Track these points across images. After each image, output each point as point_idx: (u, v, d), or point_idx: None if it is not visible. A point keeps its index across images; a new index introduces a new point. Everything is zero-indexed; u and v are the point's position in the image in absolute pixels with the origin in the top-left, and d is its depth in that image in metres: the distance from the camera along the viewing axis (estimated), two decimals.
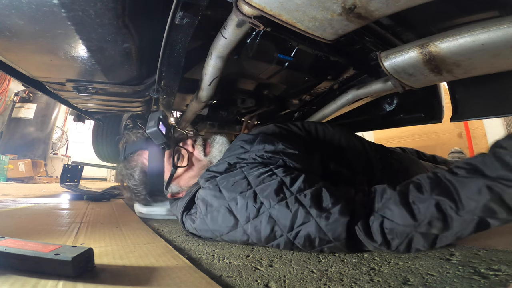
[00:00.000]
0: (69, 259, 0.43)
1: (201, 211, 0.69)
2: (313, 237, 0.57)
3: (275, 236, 0.60)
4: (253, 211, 0.61)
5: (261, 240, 0.61)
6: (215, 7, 0.76)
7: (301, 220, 0.57)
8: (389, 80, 1.00)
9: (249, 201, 0.62)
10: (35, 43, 0.72)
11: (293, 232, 0.58)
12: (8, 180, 4.13)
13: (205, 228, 0.69)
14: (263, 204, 0.61)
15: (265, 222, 0.60)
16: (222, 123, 1.80)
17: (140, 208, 1.17)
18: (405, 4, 0.55)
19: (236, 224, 0.63)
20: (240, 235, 0.64)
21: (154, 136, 0.81)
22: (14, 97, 4.93)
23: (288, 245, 0.60)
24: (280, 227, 0.59)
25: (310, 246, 0.58)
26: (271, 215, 0.59)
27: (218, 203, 0.66)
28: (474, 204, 0.46)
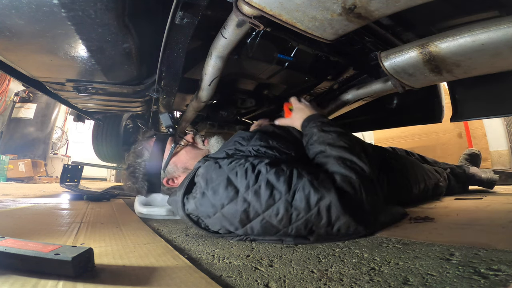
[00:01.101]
0: (69, 259, 0.43)
1: (202, 186, 0.71)
2: (308, 193, 0.63)
3: (274, 199, 0.64)
4: (252, 178, 0.66)
5: (262, 205, 0.64)
6: (215, 7, 0.76)
7: (295, 180, 0.65)
8: (389, 80, 1.00)
9: (248, 170, 0.68)
10: (35, 43, 0.72)
11: (291, 192, 0.64)
12: (8, 180, 4.13)
13: (206, 202, 0.70)
14: (260, 171, 0.67)
15: (264, 186, 0.65)
16: (222, 123, 1.80)
17: (140, 208, 1.17)
18: (405, 4, 0.55)
19: (236, 193, 0.66)
20: (241, 204, 0.66)
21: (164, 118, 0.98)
22: (14, 97, 4.93)
23: (286, 207, 0.63)
24: (278, 190, 0.64)
25: (307, 206, 0.63)
26: (268, 180, 0.66)
27: (218, 176, 0.69)
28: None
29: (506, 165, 2.63)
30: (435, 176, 1.25)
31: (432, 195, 1.23)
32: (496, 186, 1.48)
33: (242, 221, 0.67)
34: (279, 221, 0.64)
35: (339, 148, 0.76)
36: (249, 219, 0.67)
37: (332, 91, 1.44)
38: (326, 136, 0.81)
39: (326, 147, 0.78)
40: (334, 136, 0.81)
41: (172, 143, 0.96)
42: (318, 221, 0.64)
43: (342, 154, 0.75)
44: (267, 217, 0.65)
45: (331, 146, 0.78)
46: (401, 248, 0.59)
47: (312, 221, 0.64)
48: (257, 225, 0.66)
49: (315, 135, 0.84)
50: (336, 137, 0.81)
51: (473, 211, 0.97)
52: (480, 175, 1.47)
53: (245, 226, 0.68)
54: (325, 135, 0.82)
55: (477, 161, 1.80)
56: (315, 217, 0.63)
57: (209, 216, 0.71)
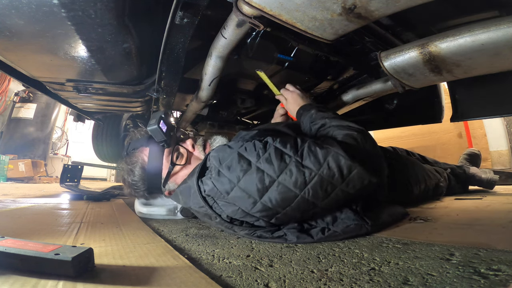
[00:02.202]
0: (69, 259, 0.43)
1: (216, 165, 0.73)
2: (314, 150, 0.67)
3: (285, 162, 0.67)
4: (261, 147, 0.71)
5: (275, 169, 0.67)
6: (215, 7, 0.76)
7: (301, 142, 0.70)
8: (389, 80, 1.00)
9: (256, 143, 0.72)
10: (35, 43, 0.72)
11: (299, 153, 0.68)
12: (8, 180, 4.13)
13: (223, 179, 0.71)
14: (267, 141, 0.72)
15: (273, 153, 0.69)
16: (222, 123, 1.80)
17: (140, 208, 1.17)
18: (405, 4, 0.55)
19: (249, 164, 0.69)
20: (255, 173, 0.68)
21: (154, 133, 0.85)
22: (14, 97, 4.93)
23: (299, 166, 0.66)
24: (287, 154, 0.68)
25: (317, 161, 0.66)
26: (276, 147, 0.70)
27: (229, 154, 0.72)
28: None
29: (506, 165, 2.63)
30: (436, 176, 1.25)
31: (432, 195, 1.23)
32: (496, 186, 1.48)
33: (259, 191, 0.67)
34: (295, 183, 0.65)
35: (337, 119, 0.85)
36: (266, 187, 0.67)
37: (332, 91, 1.44)
38: (325, 114, 0.89)
39: (325, 120, 0.86)
40: (331, 113, 0.90)
41: (169, 157, 0.88)
42: (331, 176, 0.65)
43: (341, 122, 0.82)
44: (282, 181, 0.66)
45: (330, 119, 0.85)
46: (401, 248, 0.59)
47: (325, 177, 0.65)
48: (275, 193, 0.66)
49: (314, 115, 0.91)
50: (333, 113, 0.90)
51: (473, 211, 0.97)
52: (480, 175, 1.47)
53: (263, 197, 0.67)
54: (323, 113, 0.90)
55: (477, 161, 1.80)
56: (327, 173, 0.65)
57: (228, 192, 0.70)
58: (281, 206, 0.67)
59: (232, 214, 0.73)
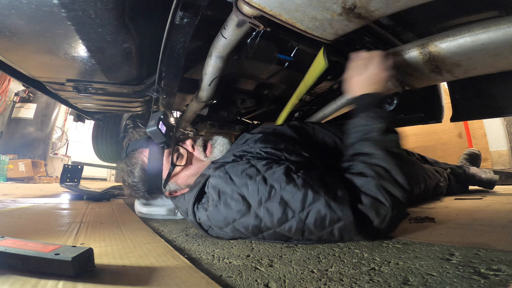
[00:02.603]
0: (69, 259, 0.43)
1: (214, 199, 0.71)
2: (323, 215, 0.60)
3: (287, 217, 0.63)
4: (264, 194, 0.65)
5: (274, 222, 0.64)
6: (215, 7, 0.76)
7: (311, 199, 0.62)
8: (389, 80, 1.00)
9: (260, 185, 0.66)
10: (35, 43, 0.72)
11: (304, 212, 0.62)
12: (8, 180, 4.13)
13: (218, 215, 0.70)
14: (273, 187, 0.65)
15: (277, 204, 0.63)
16: (222, 123, 1.80)
17: (140, 208, 1.17)
18: (405, 4, 0.55)
19: (248, 208, 0.66)
20: (253, 219, 0.66)
21: (153, 135, 0.83)
22: (14, 97, 4.93)
23: (300, 226, 0.62)
24: (291, 209, 0.63)
25: (321, 226, 0.61)
26: (282, 197, 0.63)
27: (230, 189, 0.69)
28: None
29: (506, 165, 2.62)
30: (436, 176, 1.25)
31: (432, 195, 1.23)
32: (496, 186, 1.48)
33: (254, 233, 0.69)
34: (291, 233, 0.65)
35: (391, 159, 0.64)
36: (261, 232, 0.68)
37: (332, 91, 1.44)
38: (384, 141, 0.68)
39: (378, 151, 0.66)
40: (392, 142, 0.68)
41: (169, 158, 0.86)
42: (329, 237, 0.64)
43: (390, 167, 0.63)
44: (279, 231, 0.65)
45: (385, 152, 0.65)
46: (401, 248, 0.59)
47: (324, 237, 0.64)
48: (269, 236, 0.68)
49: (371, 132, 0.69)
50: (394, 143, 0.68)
51: (473, 211, 0.97)
52: (480, 175, 1.47)
53: (257, 236, 0.70)
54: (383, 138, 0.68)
55: (477, 161, 1.80)
56: (327, 235, 0.63)
57: (221, 227, 0.72)
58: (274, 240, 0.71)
59: (228, 238, 0.75)
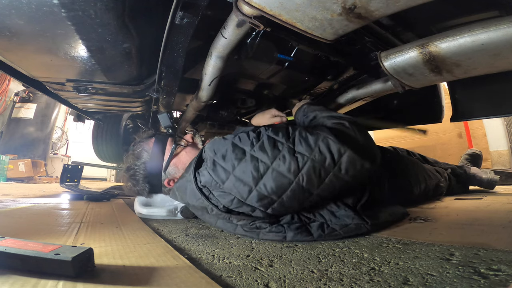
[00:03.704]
0: (69, 259, 0.43)
1: (211, 156, 0.76)
2: (306, 136, 0.71)
3: (278, 149, 0.70)
4: (254, 136, 0.74)
5: (269, 156, 0.69)
6: (215, 7, 0.76)
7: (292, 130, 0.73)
8: (389, 80, 1.00)
9: (250, 133, 0.76)
10: (35, 43, 0.72)
11: (290, 139, 0.71)
12: (8, 180, 4.12)
13: (218, 168, 0.73)
14: (260, 131, 0.75)
15: (266, 141, 0.72)
16: (222, 123, 1.80)
17: (140, 209, 1.17)
18: (405, 4, 0.55)
19: (244, 153, 0.72)
20: (250, 160, 0.70)
21: (162, 119, 0.98)
22: (14, 97, 4.93)
23: (291, 152, 0.69)
24: (279, 141, 0.71)
25: (308, 147, 0.68)
26: (269, 136, 0.73)
27: (224, 144, 0.76)
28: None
29: (506, 165, 2.63)
30: (436, 176, 1.25)
31: (432, 195, 1.23)
32: (496, 186, 1.48)
33: (254, 178, 0.69)
34: (288, 169, 0.67)
35: (328, 111, 0.88)
36: (260, 174, 0.69)
37: (332, 91, 1.44)
38: (316, 107, 0.93)
39: (316, 112, 0.89)
40: (322, 107, 0.94)
41: (172, 144, 0.96)
42: (322, 161, 0.67)
43: (331, 113, 0.85)
44: (276, 167, 0.68)
45: (320, 111, 0.89)
46: (401, 248, 0.59)
47: (317, 162, 0.67)
48: (269, 180, 0.68)
49: (306, 109, 0.95)
50: (324, 107, 0.93)
51: (473, 211, 0.97)
52: (480, 176, 1.47)
53: (258, 184, 0.69)
54: (314, 107, 0.94)
55: (478, 161, 1.80)
56: (319, 157, 0.67)
57: (223, 181, 0.72)
58: (276, 194, 0.69)
59: (228, 204, 0.74)
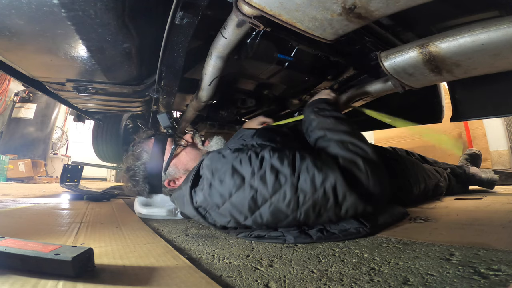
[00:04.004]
0: (69, 259, 0.43)
1: (208, 177, 0.72)
2: (313, 174, 0.64)
3: (280, 183, 0.65)
4: (256, 164, 0.68)
5: (269, 190, 0.65)
6: (215, 7, 0.76)
7: (299, 162, 0.67)
8: (389, 80, 1.00)
9: (252, 157, 0.69)
10: (35, 43, 0.72)
11: (295, 174, 0.65)
12: (8, 180, 4.12)
13: (214, 192, 0.70)
14: (264, 157, 0.69)
15: (269, 171, 0.66)
16: (222, 123, 1.80)
17: (140, 209, 1.17)
18: (405, 4, 0.55)
19: (243, 181, 0.67)
20: (248, 191, 0.66)
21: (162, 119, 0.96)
22: (14, 97, 4.93)
23: (293, 190, 0.64)
24: (283, 174, 0.66)
25: (313, 187, 0.64)
26: (273, 165, 0.67)
27: (223, 165, 0.71)
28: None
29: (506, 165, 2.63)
30: (436, 176, 1.25)
31: (432, 195, 1.23)
32: (496, 186, 1.48)
33: (251, 208, 0.67)
34: (287, 205, 0.65)
35: (339, 132, 0.78)
36: (258, 206, 0.67)
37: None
38: (325, 121, 0.83)
39: (325, 132, 0.79)
40: (332, 120, 0.82)
41: (171, 144, 0.94)
42: (325, 201, 0.64)
43: (343, 137, 0.75)
44: (275, 202, 0.65)
45: (330, 131, 0.79)
46: (401, 248, 0.59)
47: (319, 202, 0.64)
48: (266, 212, 0.67)
49: (313, 121, 0.85)
50: (335, 121, 0.82)
51: (473, 211, 0.97)
52: (480, 175, 1.47)
53: (254, 213, 0.68)
54: (323, 120, 0.83)
55: (478, 161, 1.80)
56: (322, 198, 0.64)
57: (218, 206, 0.71)
58: (271, 223, 0.69)
59: (224, 224, 0.74)
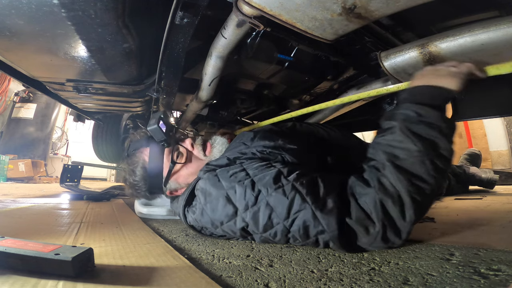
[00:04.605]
0: (69, 259, 0.43)
1: (201, 201, 0.71)
2: (308, 225, 0.58)
3: (272, 223, 0.62)
4: (251, 199, 0.63)
5: (259, 227, 0.63)
6: (215, 7, 0.76)
7: (297, 207, 0.59)
8: (389, 80, 1.00)
9: (248, 189, 0.64)
10: (35, 43, 0.72)
11: (290, 219, 0.59)
12: (8, 180, 4.12)
13: (205, 218, 0.70)
14: (261, 191, 0.62)
15: (263, 209, 0.61)
16: (222, 123, 1.80)
17: (140, 208, 1.17)
18: (405, 4, 0.55)
19: (235, 212, 0.65)
20: (239, 223, 0.65)
21: (154, 133, 0.85)
22: (14, 97, 4.93)
23: (284, 233, 0.61)
24: (277, 214, 0.60)
25: (305, 235, 0.59)
26: (268, 203, 0.61)
27: (217, 192, 0.67)
28: None
29: (506, 165, 2.63)
30: None
31: None
32: (496, 186, 1.48)
33: (243, 236, 0.69)
34: (277, 240, 0.65)
35: (403, 174, 0.54)
36: (249, 234, 0.68)
37: (332, 91, 1.44)
38: (406, 143, 0.57)
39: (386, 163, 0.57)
40: (415, 149, 0.55)
41: (169, 155, 0.87)
42: (314, 245, 0.63)
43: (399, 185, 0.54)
44: (266, 236, 0.65)
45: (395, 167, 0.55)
46: (401, 248, 0.59)
47: (310, 245, 0.64)
48: (257, 238, 0.68)
49: (393, 132, 0.60)
50: (418, 153, 0.55)
51: (473, 211, 0.97)
52: (480, 175, 1.47)
53: (247, 238, 0.71)
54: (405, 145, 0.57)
55: (478, 161, 1.80)
56: (312, 244, 0.62)
57: (211, 230, 0.74)
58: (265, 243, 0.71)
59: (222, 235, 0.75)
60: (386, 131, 0.63)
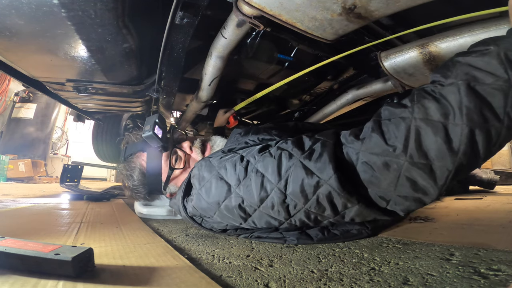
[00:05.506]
0: (69, 259, 0.43)
1: (196, 187, 0.70)
2: (302, 180, 0.53)
3: (266, 190, 0.57)
4: (241, 171, 0.61)
5: (255, 199, 0.59)
6: (215, 7, 0.76)
7: (286, 165, 0.55)
8: (389, 80, 1.00)
9: (237, 163, 0.63)
10: (35, 43, 0.72)
11: (282, 180, 0.55)
12: (8, 180, 4.13)
13: (202, 203, 0.68)
14: (249, 161, 0.61)
15: (254, 178, 0.59)
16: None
17: (140, 208, 1.17)
18: (405, 4, 0.55)
19: (229, 189, 0.63)
20: (235, 199, 0.62)
21: (149, 140, 0.83)
22: (14, 97, 4.93)
23: (281, 198, 0.56)
24: (268, 179, 0.57)
25: (303, 195, 0.53)
26: (258, 170, 0.58)
27: (209, 174, 0.67)
28: None
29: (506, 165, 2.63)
30: None
31: None
32: (496, 186, 1.48)
33: (242, 216, 0.64)
34: (277, 214, 0.59)
35: (475, 99, 0.42)
36: (248, 214, 0.63)
37: (332, 91, 1.44)
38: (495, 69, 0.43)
39: (458, 81, 0.44)
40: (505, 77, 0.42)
41: (167, 160, 0.86)
42: (321, 211, 0.55)
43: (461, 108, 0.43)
44: (264, 211, 0.60)
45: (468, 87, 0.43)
46: (401, 248, 0.59)
47: (313, 211, 0.55)
48: (258, 220, 0.63)
49: (483, 54, 0.45)
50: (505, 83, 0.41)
51: (473, 211, 0.97)
52: (480, 176, 1.47)
53: (247, 220, 0.65)
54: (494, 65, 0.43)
55: None
56: (316, 208, 0.54)
57: (211, 215, 0.69)
58: (269, 227, 0.66)
59: (222, 228, 0.73)
60: (472, 53, 0.47)
